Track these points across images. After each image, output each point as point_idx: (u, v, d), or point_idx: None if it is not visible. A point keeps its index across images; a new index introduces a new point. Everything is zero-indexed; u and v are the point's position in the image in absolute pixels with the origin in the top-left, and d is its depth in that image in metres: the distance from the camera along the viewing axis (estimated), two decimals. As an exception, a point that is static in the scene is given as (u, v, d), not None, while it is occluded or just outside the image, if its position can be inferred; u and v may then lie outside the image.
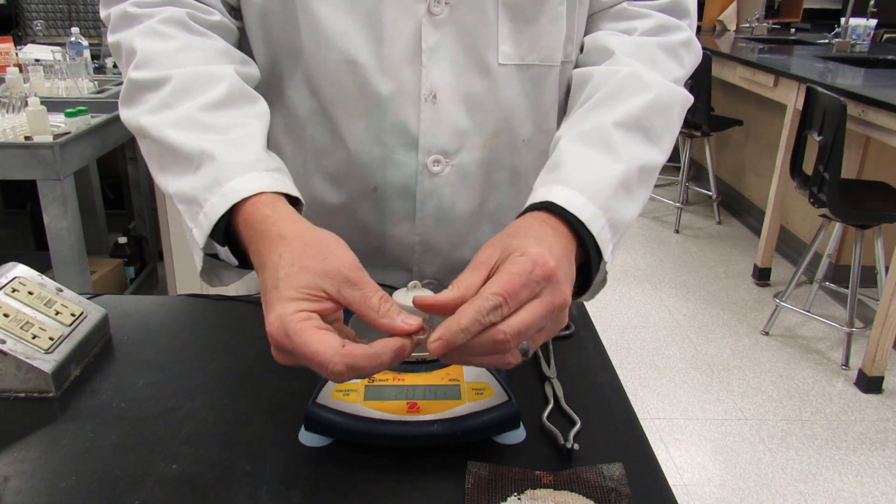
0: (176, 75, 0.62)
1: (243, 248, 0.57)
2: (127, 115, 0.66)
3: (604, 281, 0.65)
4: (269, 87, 0.72)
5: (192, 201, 0.58)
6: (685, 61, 0.72)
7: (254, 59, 0.71)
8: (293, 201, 0.59)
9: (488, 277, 0.50)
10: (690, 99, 0.72)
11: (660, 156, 0.67)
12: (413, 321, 0.48)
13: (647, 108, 0.65)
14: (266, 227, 0.54)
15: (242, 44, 0.72)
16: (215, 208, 0.56)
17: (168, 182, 0.62)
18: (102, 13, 0.71)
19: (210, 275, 0.65)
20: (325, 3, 0.66)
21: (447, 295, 0.49)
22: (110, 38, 0.69)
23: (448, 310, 0.49)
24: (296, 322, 0.47)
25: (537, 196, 0.60)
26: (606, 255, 0.59)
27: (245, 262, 0.59)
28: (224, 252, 0.60)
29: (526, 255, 0.50)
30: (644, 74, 0.67)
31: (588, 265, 0.59)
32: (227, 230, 0.58)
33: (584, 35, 0.76)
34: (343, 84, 0.68)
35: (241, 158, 0.58)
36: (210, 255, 0.61)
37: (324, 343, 0.46)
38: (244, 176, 0.57)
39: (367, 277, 0.50)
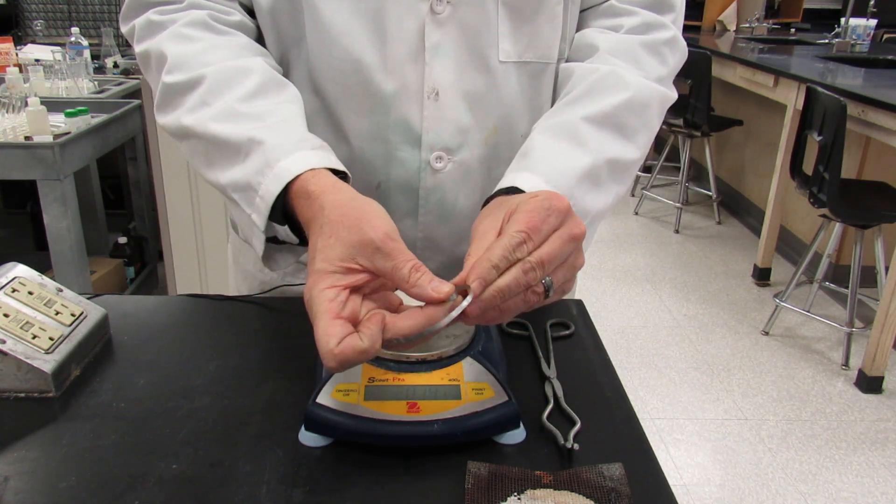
0: (209, 73, 0.64)
1: (300, 226, 0.58)
2: (166, 119, 0.68)
3: None
4: None
5: (246, 187, 0.60)
6: (668, 59, 0.74)
7: None
8: (343, 175, 0.61)
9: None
10: (671, 97, 0.73)
11: (634, 152, 0.69)
12: (443, 287, 0.49)
13: (622, 105, 0.68)
14: (311, 202, 0.56)
15: (260, 42, 0.73)
16: (270, 190, 0.58)
17: (218, 175, 0.64)
18: (125, 28, 0.72)
19: (269, 259, 0.66)
20: (330, 3, 0.67)
21: (469, 264, 0.51)
22: (137, 48, 0.71)
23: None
24: (318, 303, 0.49)
25: (505, 182, 0.63)
26: None
27: (305, 241, 0.60)
28: (284, 231, 0.62)
29: (538, 195, 0.53)
30: (622, 73, 0.69)
31: None
32: (284, 210, 0.59)
33: (576, 32, 0.77)
34: (347, 82, 0.69)
35: (288, 139, 0.60)
36: (268, 240, 0.63)
37: (327, 334, 0.47)
38: (293, 155, 0.59)
39: (400, 246, 0.51)
